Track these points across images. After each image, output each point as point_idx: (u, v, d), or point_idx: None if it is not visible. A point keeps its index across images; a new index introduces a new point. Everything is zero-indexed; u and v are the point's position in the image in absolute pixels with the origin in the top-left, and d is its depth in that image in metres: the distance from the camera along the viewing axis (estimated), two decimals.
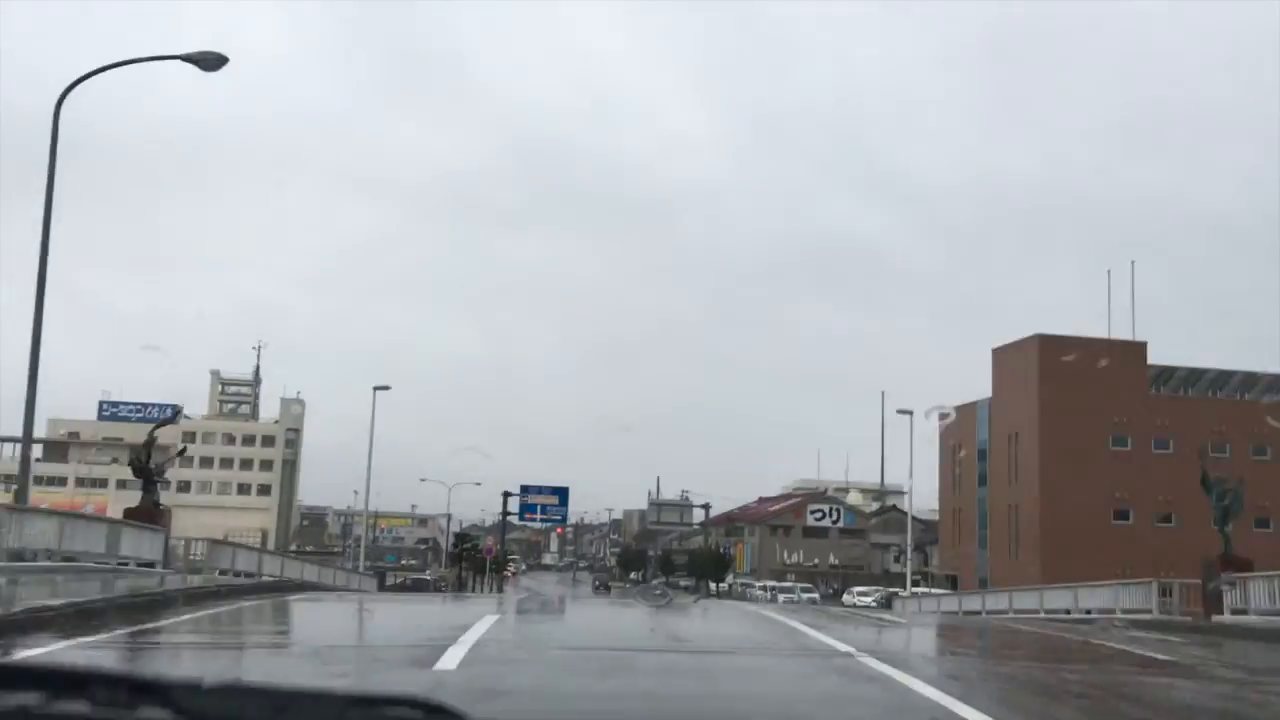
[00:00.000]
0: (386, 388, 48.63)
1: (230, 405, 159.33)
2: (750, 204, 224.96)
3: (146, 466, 26.58)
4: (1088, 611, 29.22)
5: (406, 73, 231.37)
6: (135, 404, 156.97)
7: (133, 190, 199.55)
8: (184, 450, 34.79)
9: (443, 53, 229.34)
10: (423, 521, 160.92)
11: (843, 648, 11.44)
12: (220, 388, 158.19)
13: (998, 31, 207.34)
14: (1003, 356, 60.07)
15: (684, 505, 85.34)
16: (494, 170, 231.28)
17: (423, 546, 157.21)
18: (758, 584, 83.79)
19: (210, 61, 21.99)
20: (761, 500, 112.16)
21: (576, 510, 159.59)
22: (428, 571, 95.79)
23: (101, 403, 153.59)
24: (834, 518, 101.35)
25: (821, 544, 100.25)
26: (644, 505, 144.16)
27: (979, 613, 41.34)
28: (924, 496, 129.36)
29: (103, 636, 10.56)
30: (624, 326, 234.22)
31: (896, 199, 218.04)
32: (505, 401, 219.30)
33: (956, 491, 64.80)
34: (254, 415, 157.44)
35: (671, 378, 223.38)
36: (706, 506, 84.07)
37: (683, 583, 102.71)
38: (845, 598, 77.55)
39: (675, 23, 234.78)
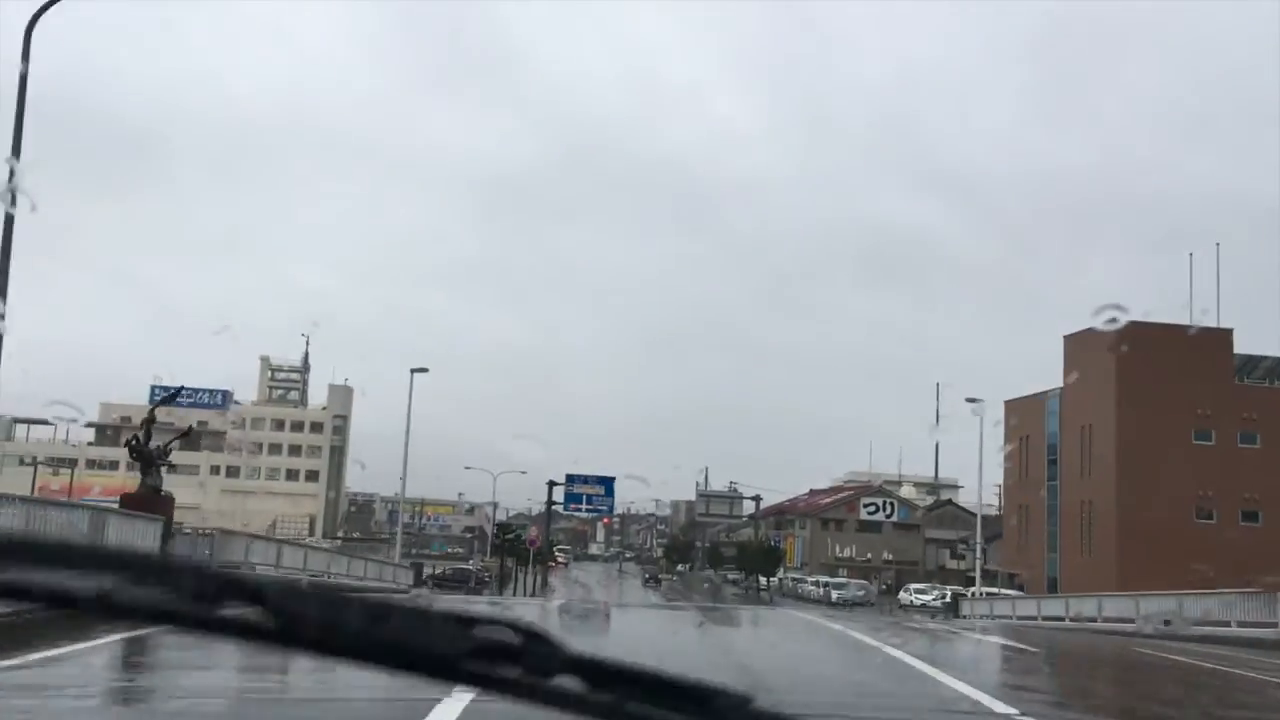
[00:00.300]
0: (424, 370, 45.67)
1: (280, 391, 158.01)
2: (799, 194, 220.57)
3: (145, 448, 23.59)
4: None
5: (456, 63, 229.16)
6: (187, 389, 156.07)
7: (191, 179, 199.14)
8: (189, 431, 31.63)
9: (493, 43, 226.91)
10: (469, 509, 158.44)
11: (1000, 708, 7.91)
12: (269, 374, 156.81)
13: (1051, 19, 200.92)
14: (1076, 343, 55.54)
15: (733, 497, 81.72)
16: (543, 161, 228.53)
17: (469, 535, 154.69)
18: (809, 579, 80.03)
19: None
20: (812, 493, 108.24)
21: (623, 500, 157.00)
22: (471, 561, 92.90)
23: (153, 387, 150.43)
24: (887, 512, 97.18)
25: (874, 538, 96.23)
26: (692, 496, 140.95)
27: (1061, 619, 37.47)
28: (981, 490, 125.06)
29: None
30: (672, 317, 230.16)
31: (947, 189, 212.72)
32: (554, 392, 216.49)
33: (1022, 486, 60.23)
34: (303, 402, 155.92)
35: (719, 369, 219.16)
36: (757, 499, 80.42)
37: (730, 575, 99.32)
38: (901, 595, 73.61)
39: (725, 12, 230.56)
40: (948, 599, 54.67)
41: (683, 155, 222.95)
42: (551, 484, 77.73)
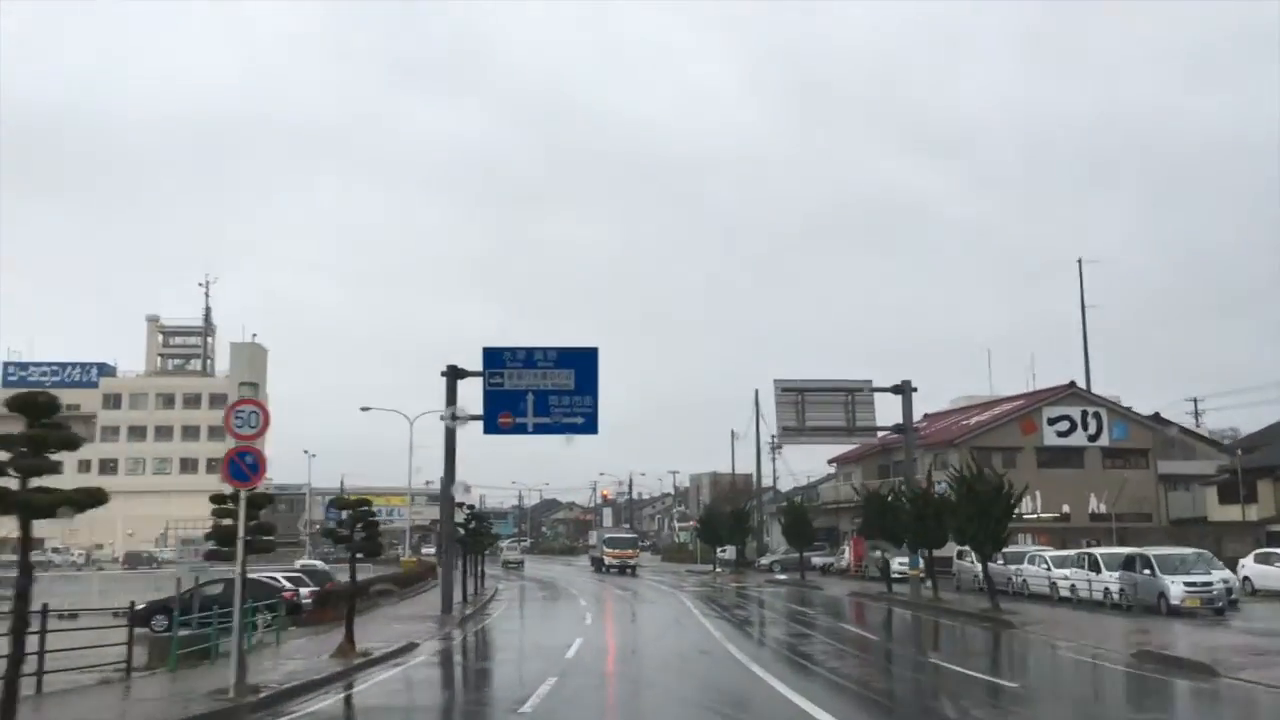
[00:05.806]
0: None
1: (177, 361, 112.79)
2: (786, 161, 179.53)
3: None
4: None
5: (415, 46, 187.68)
6: (51, 364, 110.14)
7: (146, 181, 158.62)
8: None
9: (459, 27, 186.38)
10: (433, 499, 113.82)
11: None
12: (161, 339, 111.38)
13: None
14: None
15: (860, 386, 36.73)
16: (514, 143, 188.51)
17: (434, 527, 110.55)
18: (1042, 554, 34.35)
19: None
20: (929, 418, 62.30)
21: (625, 473, 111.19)
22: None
23: (6, 364, 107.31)
24: (1091, 430, 52.04)
25: (1071, 477, 51.19)
26: (715, 467, 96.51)
27: None
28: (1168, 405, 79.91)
29: None
30: (661, 300, 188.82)
31: (940, 146, 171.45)
32: None
33: None
34: (207, 371, 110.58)
35: (720, 353, 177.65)
36: (904, 386, 35.15)
37: (816, 560, 54.55)
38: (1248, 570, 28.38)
39: None
40: None
41: (664, 128, 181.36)
42: (454, 373, 32.74)
